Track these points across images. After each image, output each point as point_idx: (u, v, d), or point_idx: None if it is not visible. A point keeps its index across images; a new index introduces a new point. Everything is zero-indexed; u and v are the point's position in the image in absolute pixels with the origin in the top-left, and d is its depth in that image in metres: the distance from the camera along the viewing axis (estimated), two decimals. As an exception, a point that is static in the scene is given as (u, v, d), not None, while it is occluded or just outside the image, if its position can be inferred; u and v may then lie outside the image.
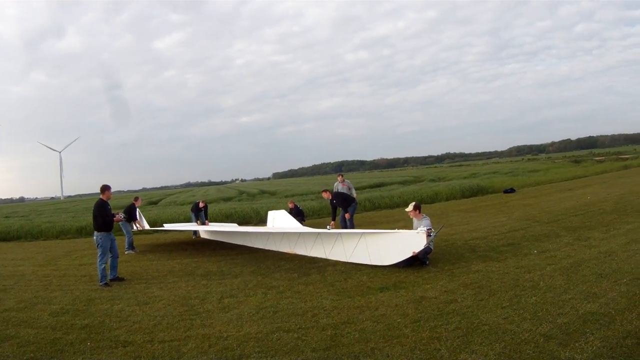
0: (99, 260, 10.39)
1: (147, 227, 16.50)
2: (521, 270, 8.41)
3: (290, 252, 12.32)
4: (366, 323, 6.27)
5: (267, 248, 13.32)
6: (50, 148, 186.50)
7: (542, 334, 5.38)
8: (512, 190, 26.39)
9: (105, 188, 10.81)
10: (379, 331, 5.92)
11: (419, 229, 9.23)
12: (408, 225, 11.12)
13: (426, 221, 9.75)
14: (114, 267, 10.76)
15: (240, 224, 20.63)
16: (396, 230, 9.78)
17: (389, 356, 5.12)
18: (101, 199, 10.72)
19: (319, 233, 11.45)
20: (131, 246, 14.94)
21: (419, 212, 10.06)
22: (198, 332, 6.48)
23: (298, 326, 6.39)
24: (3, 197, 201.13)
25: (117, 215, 11.14)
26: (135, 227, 15.62)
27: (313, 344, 5.68)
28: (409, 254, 9.10)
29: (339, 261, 10.57)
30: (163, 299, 8.45)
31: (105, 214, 10.50)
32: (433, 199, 25.59)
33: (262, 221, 20.76)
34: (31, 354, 6.06)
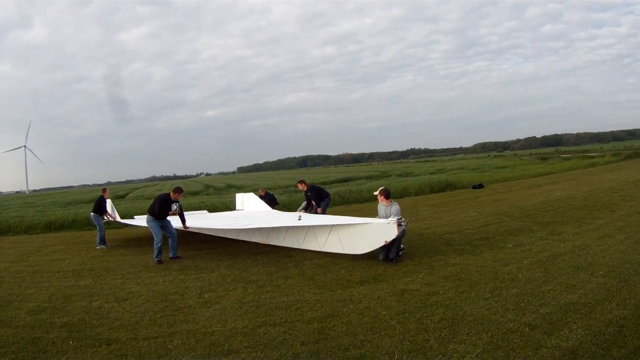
0: (155, 241, 11.46)
1: (118, 218, 16.24)
2: (498, 263, 8.55)
3: (263, 243, 12.30)
4: (352, 316, 6.29)
5: (239, 238, 13.17)
6: (15, 149, 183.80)
7: (527, 323, 5.49)
8: (480, 186, 26.67)
9: (177, 190, 11.99)
10: (366, 324, 5.94)
11: (389, 218, 9.28)
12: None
13: (395, 207, 9.74)
14: (173, 247, 11.81)
15: (210, 211, 20.51)
16: (368, 220, 9.82)
17: (379, 347, 5.14)
18: (168, 195, 11.88)
19: (289, 226, 11.47)
20: (103, 241, 14.62)
21: (387, 199, 10.06)
22: (182, 327, 6.39)
23: (283, 320, 6.36)
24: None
25: (173, 208, 11.91)
26: (106, 219, 15.41)
27: (301, 337, 5.67)
28: (381, 244, 9.17)
29: (316, 255, 10.57)
30: (142, 295, 8.29)
31: (163, 207, 11.61)
32: (402, 193, 25.59)
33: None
34: (12, 355, 5.87)
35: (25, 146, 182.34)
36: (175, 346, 5.74)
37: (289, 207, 22.22)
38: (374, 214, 10.86)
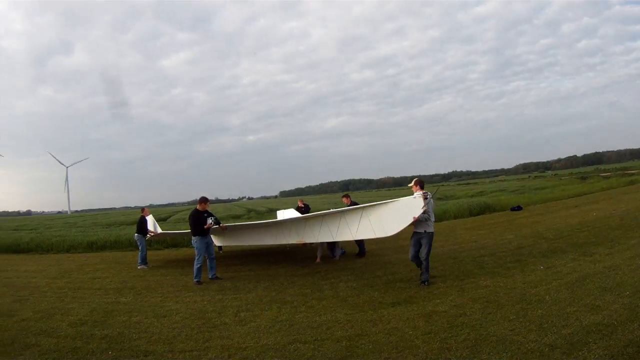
0: (195, 260, 11.95)
1: (159, 230, 16.78)
2: (528, 285, 8.67)
3: (300, 243, 12.85)
4: (379, 335, 6.55)
5: (277, 243, 13.77)
6: (58, 161, 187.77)
7: (547, 344, 5.65)
8: (519, 208, 26.49)
9: (202, 200, 12.35)
10: (392, 343, 6.20)
11: (415, 194, 9.40)
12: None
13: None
14: (212, 267, 12.20)
15: None
16: (394, 199, 10.01)
17: (402, 365, 5.38)
18: (196, 209, 12.22)
19: (324, 217, 11.80)
20: (144, 261, 15.21)
21: (421, 189, 9.94)
22: (217, 343, 6.75)
23: (314, 338, 6.66)
24: (10, 210, 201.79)
25: (208, 222, 12.04)
26: (149, 236, 16.05)
27: (329, 354, 5.97)
28: (410, 220, 9.33)
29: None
30: (180, 312, 8.71)
31: (197, 222, 11.98)
32: (441, 217, 25.20)
33: None
34: None
35: (66, 167, 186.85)
36: (209, 359, 6.11)
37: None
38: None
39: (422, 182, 10.06)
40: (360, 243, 14.33)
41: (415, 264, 9.92)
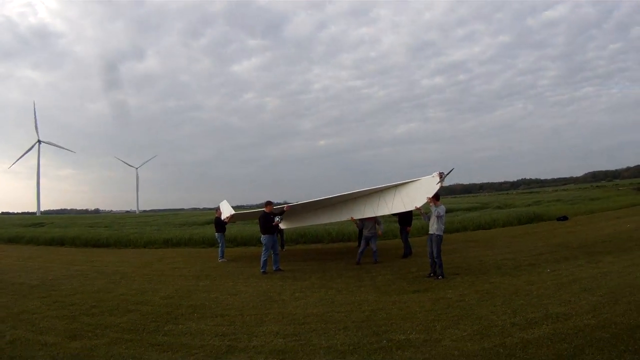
0: (262, 254, 14.26)
1: (232, 212, 19.11)
2: (526, 283, 10.46)
3: (352, 219, 15.30)
4: (393, 310, 8.84)
5: (331, 221, 16.77)
6: (127, 163, 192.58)
7: (511, 322, 7.55)
8: (564, 218, 27.48)
9: (267, 203, 14.61)
10: (400, 314, 8.47)
11: (433, 174, 11.87)
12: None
13: (442, 207, 11.95)
14: (276, 261, 14.48)
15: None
16: (417, 178, 12.55)
17: (400, 327, 7.67)
18: (264, 211, 14.41)
19: (367, 196, 14.48)
20: (223, 255, 17.96)
21: (437, 200, 12.01)
22: (275, 311, 9.27)
23: (346, 310, 9.04)
24: (78, 208, 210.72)
25: (275, 220, 14.27)
26: (226, 220, 18.49)
27: (353, 318, 8.36)
28: (431, 194, 11.81)
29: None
30: (248, 292, 11.28)
31: (266, 222, 14.21)
32: (491, 225, 26.62)
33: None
34: (152, 319, 8.97)
35: (136, 169, 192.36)
36: (268, 319, 8.66)
37: (386, 237, 22.44)
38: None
39: (439, 196, 12.17)
40: (406, 243, 16.33)
41: (430, 261, 12.10)
